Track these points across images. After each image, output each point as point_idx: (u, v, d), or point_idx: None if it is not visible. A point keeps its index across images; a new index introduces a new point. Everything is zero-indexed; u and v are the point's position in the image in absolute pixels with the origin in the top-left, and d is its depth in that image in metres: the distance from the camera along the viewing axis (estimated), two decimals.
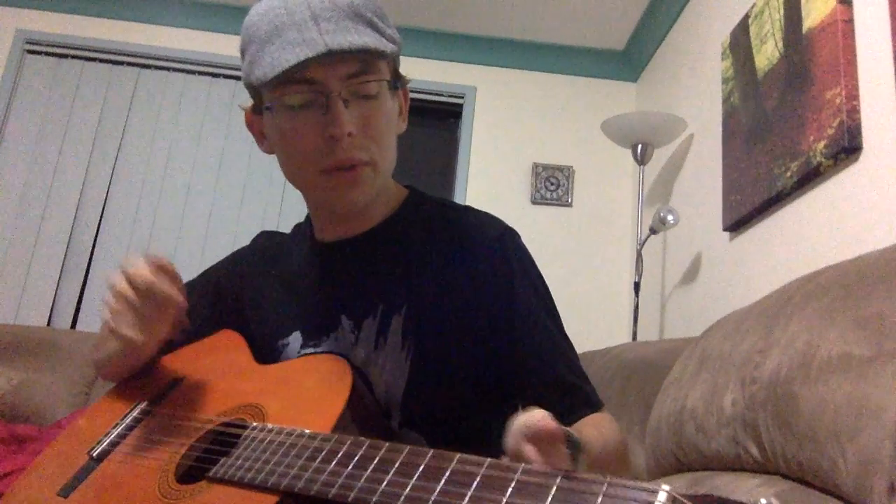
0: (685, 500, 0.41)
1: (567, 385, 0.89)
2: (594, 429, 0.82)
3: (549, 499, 0.47)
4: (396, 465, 0.58)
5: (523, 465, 0.52)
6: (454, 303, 0.91)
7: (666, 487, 0.43)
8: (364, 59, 0.86)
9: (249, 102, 0.96)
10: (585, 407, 0.88)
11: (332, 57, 0.81)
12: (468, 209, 1.02)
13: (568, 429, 0.62)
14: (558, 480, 0.48)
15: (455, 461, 0.55)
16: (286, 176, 0.95)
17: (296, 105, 0.86)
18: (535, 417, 0.55)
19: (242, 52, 0.91)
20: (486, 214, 1.01)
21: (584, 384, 0.91)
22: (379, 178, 0.92)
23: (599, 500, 0.45)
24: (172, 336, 0.93)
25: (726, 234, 2.21)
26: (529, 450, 0.54)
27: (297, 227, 1.11)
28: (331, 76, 0.84)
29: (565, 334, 0.95)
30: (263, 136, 0.96)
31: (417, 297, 0.92)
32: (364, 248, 0.97)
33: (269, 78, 0.82)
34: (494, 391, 0.93)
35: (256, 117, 0.95)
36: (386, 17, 0.90)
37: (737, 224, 2.11)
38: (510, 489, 0.49)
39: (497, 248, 0.94)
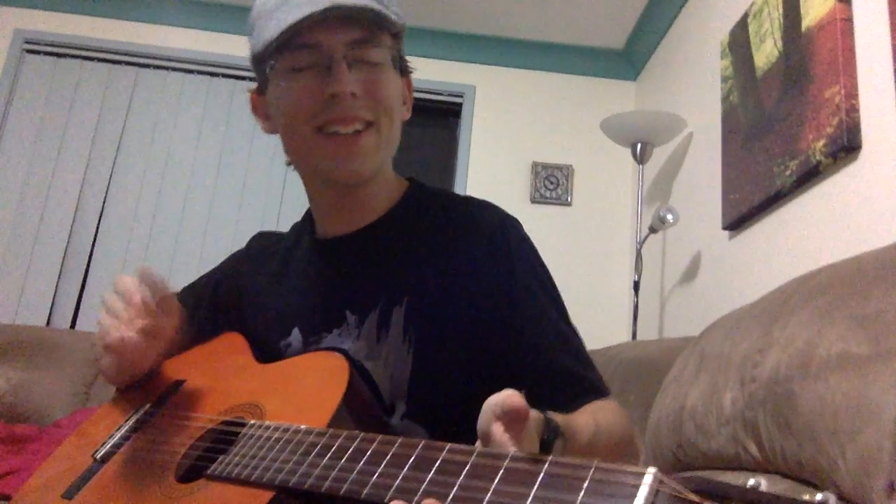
0: (671, 482, 0.41)
1: (570, 373, 0.88)
2: (590, 416, 0.80)
3: (536, 485, 0.47)
4: (388, 457, 0.58)
5: (513, 452, 0.52)
6: (455, 293, 0.91)
7: (652, 470, 0.43)
8: (369, 27, 0.86)
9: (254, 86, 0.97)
10: (589, 394, 0.87)
11: (336, 19, 0.82)
12: (469, 199, 1.02)
13: (545, 413, 0.63)
14: (545, 466, 0.48)
15: (445, 451, 0.55)
16: (287, 151, 0.95)
17: (298, 68, 0.87)
18: (503, 395, 0.55)
19: (250, 32, 0.92)
20: (487, 204, 1.01)
21: (588, 371, 0.90)
22: (382, 149, 0.91)
23: (586, 484, 0.45)
24: (170, 349, 0.94)
25: (726, 233, 2.21)
26: (497, 428, 0.54)
27: (295, 226, 1.10)
28: (334, 40, 0.85)
29: (569, 322, 0.94)
30: (267, 118, 0.97)
31: (418, 288, 0.92)
32: (366, 242, 0.97)
33: (275, 36, 0.83)
34: (498, 381, 0.93)
35: (261, 98, 0.96)
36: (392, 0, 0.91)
37: (736, 223, 2.11)
38: (498, 476, 0.49)
39: (497, 236, 0.94)
